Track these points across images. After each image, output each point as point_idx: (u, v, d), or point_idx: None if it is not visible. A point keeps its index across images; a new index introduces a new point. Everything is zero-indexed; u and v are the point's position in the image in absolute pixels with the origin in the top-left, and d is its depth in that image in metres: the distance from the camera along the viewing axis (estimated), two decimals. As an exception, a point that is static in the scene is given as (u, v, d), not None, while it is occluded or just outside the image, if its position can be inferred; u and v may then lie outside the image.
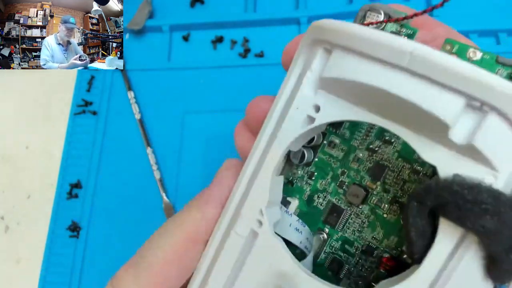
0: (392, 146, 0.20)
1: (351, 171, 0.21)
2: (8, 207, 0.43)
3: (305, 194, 0.22)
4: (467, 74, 0.13)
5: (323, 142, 0.21)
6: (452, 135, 0.14)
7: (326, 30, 0.16)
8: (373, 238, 0.20)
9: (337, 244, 0.21)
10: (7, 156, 0.45)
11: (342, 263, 0.21)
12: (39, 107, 0.47)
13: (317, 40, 0.17)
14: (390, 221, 0.20)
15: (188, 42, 0.45)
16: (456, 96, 0.13)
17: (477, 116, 0.14)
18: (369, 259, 0.20)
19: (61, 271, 0.39)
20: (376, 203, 0.20)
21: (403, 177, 0.19)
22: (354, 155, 0.21)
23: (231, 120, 0.41)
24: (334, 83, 0.16)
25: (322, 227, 0.21)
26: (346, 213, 0.21)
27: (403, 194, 0.19)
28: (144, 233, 0.39)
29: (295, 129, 0.17)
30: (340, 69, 0.16)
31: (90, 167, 0.41)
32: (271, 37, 0.43)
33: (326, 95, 0.17)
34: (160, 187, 0.39)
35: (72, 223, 0.40)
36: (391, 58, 0.14)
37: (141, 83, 0.44)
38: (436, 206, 0.14)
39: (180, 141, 0.41)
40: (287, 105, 0.18)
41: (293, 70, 0.18)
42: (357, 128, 0.21)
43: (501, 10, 0.40)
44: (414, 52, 0.14)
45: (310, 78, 0.17)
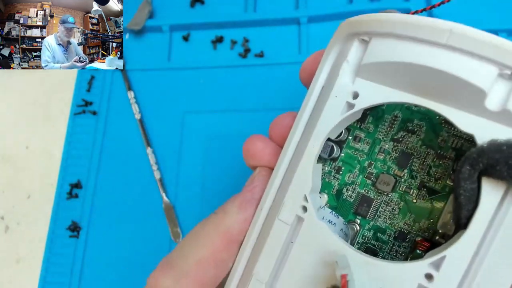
0: (415, 135, 0.21)
1: (378, 162, 0.22)
2: (8, 207, 0.43)
3: (333, 188, 0.22)
4: (499, 44, 0.15)
5: (348, 137, 0.22)
6: (487, 103, 0.15)
7: (363, 22, 0.18)
8: (405, 223, 0.21)
9: (370, 234, 0.21)
10: (7, 156, 0.45)
11: (376, 251, 0.21)
12: (39, 107, 0.47)
13: (353, 33, 0.19)
14: (420, 206, 0.21)
15: (188, 42, 0.45)
16: (490, 65, 0.15)
17: (508, 83, 0.15)
18: (402, 244, 0.21)
19: (61, 271, 0.39)
20: (405, 190, 0.21)
21: (428, 163, 0.21)
22: (380, 146, 0.22)
23: (231, 120, 0.41)
24: (373, 68, 0.18)
25: (353, 218, 0.22)
26: (376, 202, 0.21)
27: (430, 179, 0.21)
28: (144, 233, 0.40)
29: (335, 116, 0.19)
30: (381, 53, 0.17)
31: (90, 167, 0.41)
32: (271, 37, 0.43)
33: (364, 82, 0.18)
34: (160, 187, 0.39)
35: (72, 223, 0.40)
36: (432, 37, 0.16)
37: (141, 83, 0.44)
38: (486, 168, 0.15)
39: (180, 141, 0.41)
40: (322, 96, 0.20)
41: (324, 65, 0.20)
42: (381, 121, 0.22)
43: (501, 10, 0.40)
44: (454, 29, 0.16)
45: (346, 69, 0.19)
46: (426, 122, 0.21)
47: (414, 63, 0.16)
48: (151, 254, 0.38)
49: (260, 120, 0.40)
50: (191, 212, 0.39)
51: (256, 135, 0.22)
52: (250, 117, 0.41)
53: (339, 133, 0.20)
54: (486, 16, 0.40)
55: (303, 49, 0.42)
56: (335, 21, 0.42)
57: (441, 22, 0.16)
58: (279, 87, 0.41)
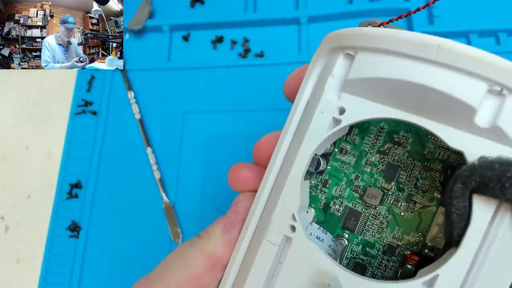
0: (401, 146, 0.21)
1: (365, 175, 0.21)
2: (8, 207, 0.43)
3: (320, 202, 0.22)
4: (488, 60, 0.15)
5: (334, 150, 0.22)
6: (477, 119, 0.15)
7: (349, 36, 0.17)
8: (394, 237, 0.21)
9: (358, 248, 0.21)
10: (7, 156, 0.45)
11: (365, 266, 0.21)
12: (39, 107, 0.47)
13: (338, 48, 0.18)
14: (408, 219, 0.20)
15: (188, 42, 0.45)
16: (479, 81, 0.15)
17: (498, 100, 0.15)
18: (391, 258, 0.21)
19: (61, 271, 0.39)
20: (393, 203, 0.21)
21: (415, 175, 0.20)
22: (366, 159, 0.21)
23: (231, 120, 0.41)
24: (359, 84, 0.17)
25: (341, 233, 0.22)
26: (364, 216, 0.21)
27: (417, 191, 0.20)
28: (144, 233, 0.40)
29: (321, 132, 0.18)
30: (368, 69, 0.17)
31: (90, 167, 0.41)
32: (271, 37, 0.43)
33: (350, 97, 0.18)
34: (160, 187, 0.39)
35: (72, 223, 0.40)
36: (420, 53, 0.16)
37: (141, 83, 0.44)
38: (478, 186, 0.15)
39: (180, 141, 0.41)
40: (308, 112, 0.19)
41: (309, 79, 0.19)
42: (367, 133, 0.21)
43: (501, 10, 0.40)
44: (442, 45, 0.15)
45: (332, 83, 0.18)
46: (412, 134, 0.21)
47: (402, 79, 0.16)
48: (151, 254, 0.38)
49: (260, 120, 0.40)
50: (191, 212, 0.39)
51: (240, 163, 0.22)
52: (250, 117, 0.41)
53: (325, 148, 0.20)
54: (486, 16, 0.40)
55: (303, 49, 0.42)
56: (335, 21, 0.42)
57: (429, 38, 0.16)
58: (279, 87, 0.40)
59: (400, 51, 0.16)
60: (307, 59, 0.41)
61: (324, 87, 0.18)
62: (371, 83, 0.17)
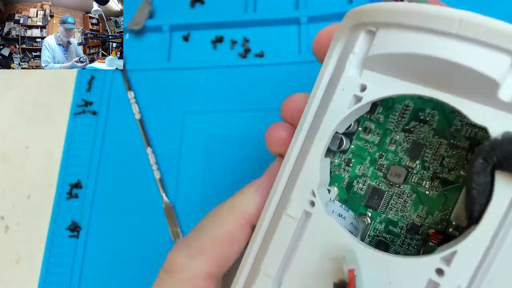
0: (427, 124, 0.20)
1: (389, 154, 0.21)
2: (8, 207, 0.43)
3: (344, 181, 0.22)
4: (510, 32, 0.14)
5: (358, 128, 0.22)
6: (501, 93, 0.15)
7: (370, 12, 0.17)
8: (417, 216, 0.20)
9: (381, 226, 0.21)
10: (7, 156, 0.45)
11: (388, 245, 0.21)
12: (39, 107, 0.47)
13: (359, 24, 0.18)
14: (433, 197, 0.20)
15: (188, 42, 0.45)
16: (502, 54, 0.15)
17: None
18: (415, 237, 0.20)
19: (61, 271, 0.39)
20: (417, 181, 0.20)
21: (441, 153, 0.20)
22: (391, 137, 0.21)
23: (231, 120, 0.41)
24: (380, 60, 0.17)
25: (364, 211, 0.22)
26: (387, 194, 0.21)
27: (443, 170, 0.20)
28: (144, 233, 0.40)
29: (343, 110, 0.18)
30: (388, 44, 0.17)
31: (90, 167, 0.41)
32: (271, 37, 0.43)
33: (371, 74, 0.18)
34: (160, 187, 0.39)
35: (72, 223, 0.40)
36: (442, 26, 0.15)
37: (141, 83, 0.44)
38: (500, 161, 0.15)
39: (180, 141, 0.41)
40: (329, 89, 0.19)
41: (331, 56, 0.19)
42: (391, 111, 0.21)
43: (501, 10, 0.40)
44: (464, 18, 0.15)
45: (353, 61, 0.18)
46: (439, 111, 0.20)
47: (423, 54, 0.16)
48: (151, 254, 0.38)
49: (260, 120, 0.40)
50: (191, 212, 0.39)
51: (276, 123, 0.22)
52: (250, 117, 0.41)
53: (347, 126, 0.20)
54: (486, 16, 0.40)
55: (303, 49, 0.42)
56: (335, 21, 0.42)
57: (451, 11, 0.15)
58: (279, 87, 0.41)
59: (421, 25, 0.16)
60: (307, 59, 0.41)
61: (345, 65, 0.18)
62: (392, 59, 0.17)
